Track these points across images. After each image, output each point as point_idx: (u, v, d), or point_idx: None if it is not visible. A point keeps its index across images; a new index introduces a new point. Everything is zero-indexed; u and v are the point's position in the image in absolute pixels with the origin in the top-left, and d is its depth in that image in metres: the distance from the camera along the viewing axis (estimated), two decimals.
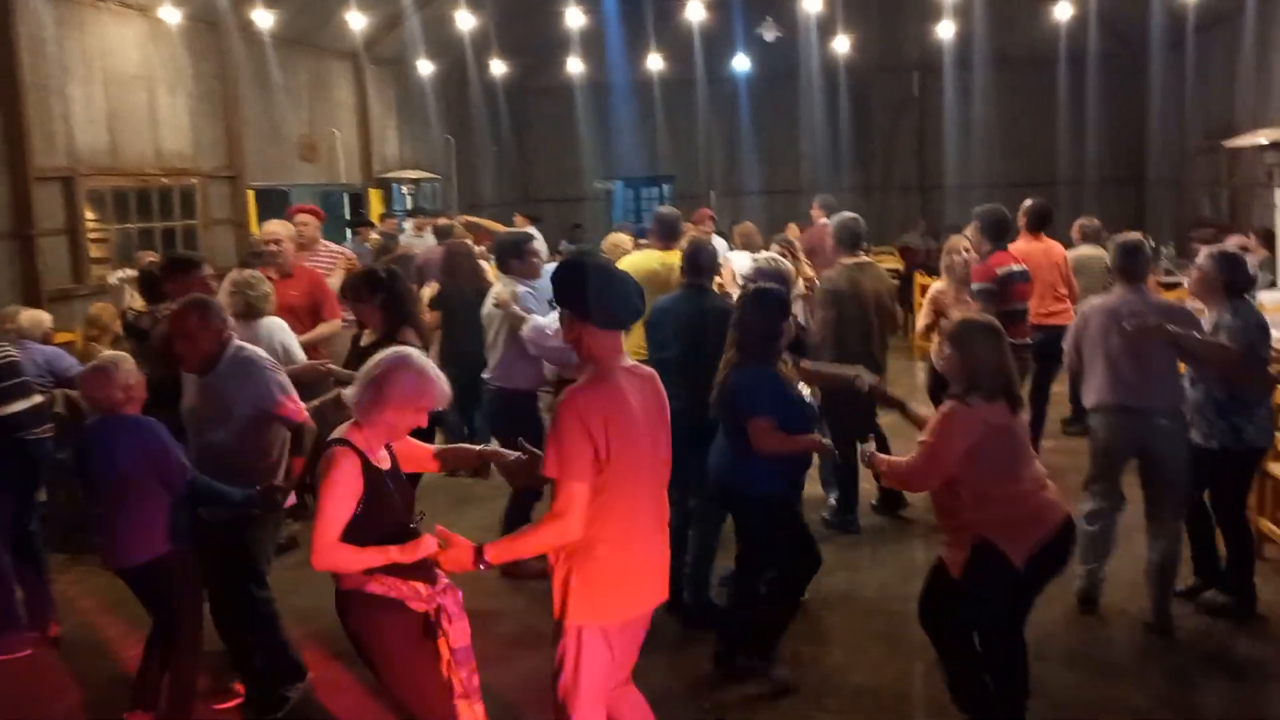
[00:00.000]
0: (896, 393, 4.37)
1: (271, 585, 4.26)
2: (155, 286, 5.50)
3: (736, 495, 4.26)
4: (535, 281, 5.69)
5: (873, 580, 5.03)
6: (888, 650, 4.53)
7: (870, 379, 4.30)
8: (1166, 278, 9.99)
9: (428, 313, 6.78)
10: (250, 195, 11.56)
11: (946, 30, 14.11)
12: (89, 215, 9.29)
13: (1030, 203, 7.29)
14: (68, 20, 9.03)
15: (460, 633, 3.11)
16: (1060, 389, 7.39)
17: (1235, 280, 4.75)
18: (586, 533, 2.89)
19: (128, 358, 4.00)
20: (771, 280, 5.10)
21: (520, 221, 11.44)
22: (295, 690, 4.19)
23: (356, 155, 14.16)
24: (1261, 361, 4.70)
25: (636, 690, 3.23)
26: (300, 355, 5.28)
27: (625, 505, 2.94)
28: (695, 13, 13.37)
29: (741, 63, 16.47)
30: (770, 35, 15.88)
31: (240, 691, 4.26)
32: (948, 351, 3.75)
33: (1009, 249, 6.38)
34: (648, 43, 15.62)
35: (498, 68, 15.62)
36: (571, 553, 2.95)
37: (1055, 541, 3.61)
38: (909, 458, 3.73)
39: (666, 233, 6.08)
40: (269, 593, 4.22)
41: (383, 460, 3.11)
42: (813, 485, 5.69)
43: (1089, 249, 7.88)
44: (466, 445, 3.58)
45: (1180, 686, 4.28)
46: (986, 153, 15.95)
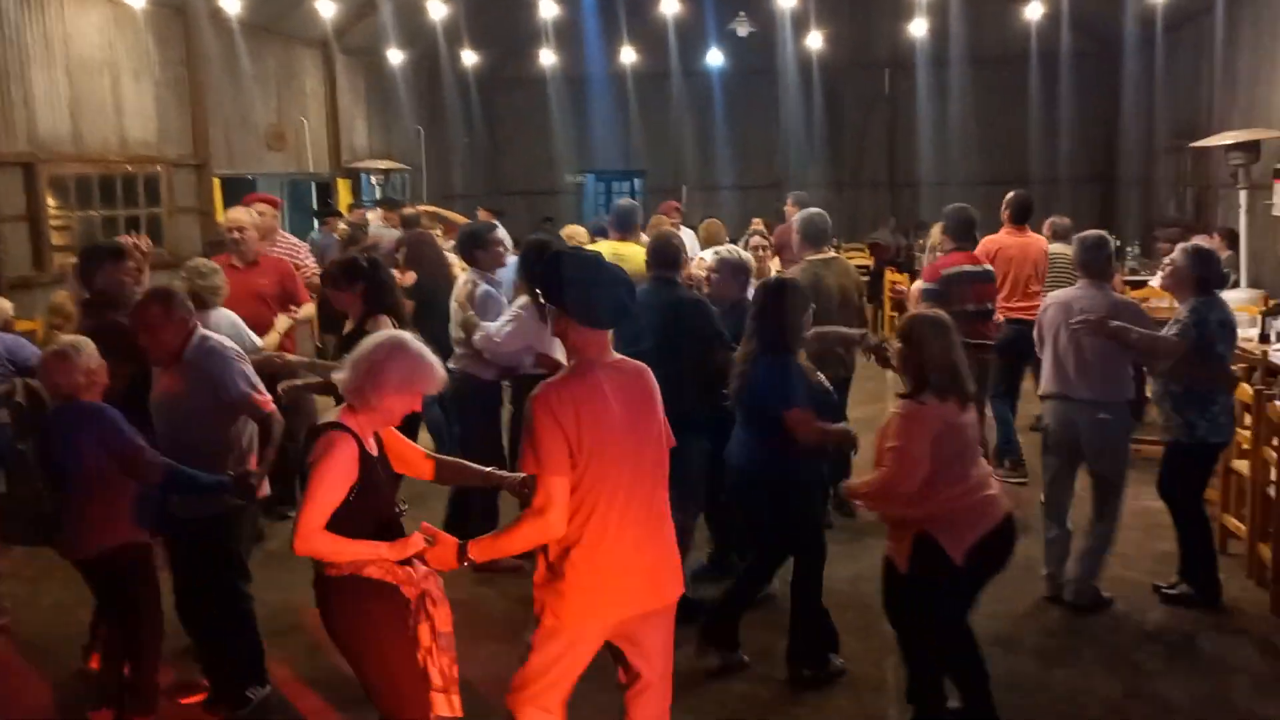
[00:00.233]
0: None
1: None
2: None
3: (777, 485, 4.19)
4: (500, 271, 5.65)
5: (845, 573, 5.04)
6: (861, 643, 4.52)
7: (874, 338, 4.33)
8: (1132, 276, 10.10)
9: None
10: (216, 183, 11.38)
11: (919, 28, 14.15)
12: (51, 202, 9.09)
13: (1013, 195, 7.32)
14: (29, 2, 8.81)
15: (444, 618, 3.08)
16: (1031, 385, 7.42)
17: (1207, 276, 4.84)
18: (565, 530, 2.85)
19: (89, 342, 3.89)
20: (736, 271, 5.12)
21: (484, 216, 11.33)
22: (258, 691, 4.13)
23: (325, 145, 13.98)
24: (1218, 357, 4.77)
25: (661, 695, 3.10)
26: (255, 345, 5.21)
27: (603, 503, 2.86)
28: (669, 6, 13.32)
29: (715, 57, 16.47)
30: (744, 30, 15.89)
31: (205, 686, 4.18)
32: (897, 348, 3.76)
33: (987, 239, 6.41)
34: (621, 35, 15.56)
35: (470, 58, 15.49)
36: (550, 550, 2.91)
37: (994, 538, 3.60)
38: (879, 471, 3.67)
39: (623, 224, 6.05)
40: (247, 589, 4.17)
41: (373, 448, 3.04)
42: None
43: (1060, 247, 7.92)
44: (467, 463, 3.49)
45: (1149, 677, 4.33)
46: (957, 150, 16.06)
